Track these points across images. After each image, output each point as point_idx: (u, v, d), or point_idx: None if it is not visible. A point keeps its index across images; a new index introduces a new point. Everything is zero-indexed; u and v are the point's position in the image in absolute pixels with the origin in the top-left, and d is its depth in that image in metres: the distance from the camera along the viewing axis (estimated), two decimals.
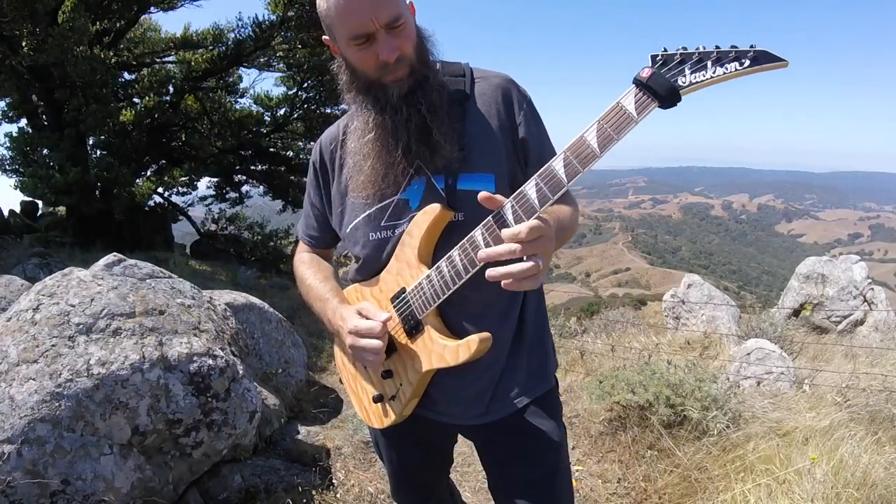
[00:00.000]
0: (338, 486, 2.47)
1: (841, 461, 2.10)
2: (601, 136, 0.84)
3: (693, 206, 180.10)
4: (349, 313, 1.09)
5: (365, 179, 1.06)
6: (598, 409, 2.98)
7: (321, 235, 1.27)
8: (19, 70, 8.97)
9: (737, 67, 0.76)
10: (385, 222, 1.08)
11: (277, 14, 10.90)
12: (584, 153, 0.85)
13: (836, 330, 5.75)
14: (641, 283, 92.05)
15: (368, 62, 0.98)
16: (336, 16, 0.95)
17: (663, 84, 0.79)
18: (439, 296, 1.00)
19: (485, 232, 0.94)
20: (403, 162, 1.02)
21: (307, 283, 1.23)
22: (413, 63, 1.00)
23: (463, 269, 0.97)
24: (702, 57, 0.79)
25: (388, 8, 0.92)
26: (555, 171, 0.88)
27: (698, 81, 0.79)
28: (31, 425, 1.72)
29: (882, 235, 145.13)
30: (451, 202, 1.02)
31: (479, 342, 0.98)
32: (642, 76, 0.81)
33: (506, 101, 1.08)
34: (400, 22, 0.94)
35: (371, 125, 1.04)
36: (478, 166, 1.04)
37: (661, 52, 0.82)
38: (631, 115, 0.82)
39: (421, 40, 1.02)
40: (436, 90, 1.01)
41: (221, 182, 15.07)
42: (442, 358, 1.02)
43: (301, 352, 3.81)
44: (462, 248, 0.97)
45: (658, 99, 0.80)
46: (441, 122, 1.00)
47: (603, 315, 7.40)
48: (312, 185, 1.23)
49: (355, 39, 0.95)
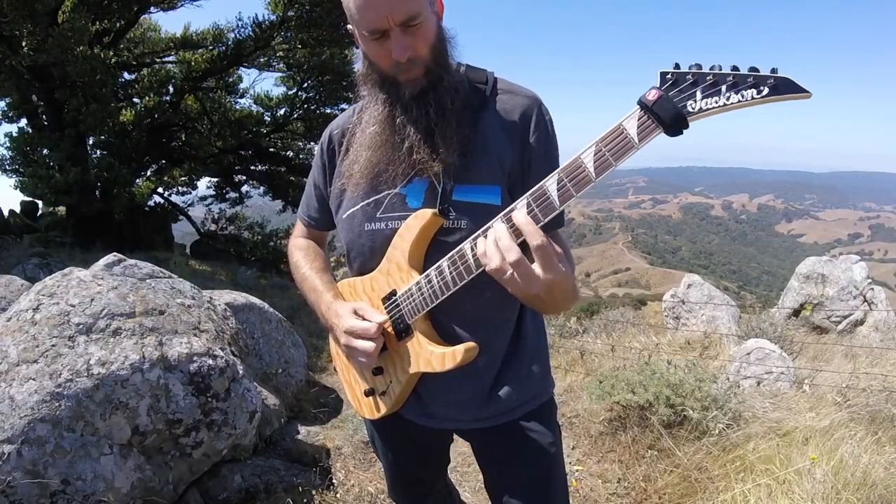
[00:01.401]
0: (338, 486, 2.47)
1: (841, 461, 2.10)
2: (598, 160, 0.80)
3: (693, 206, 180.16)
4: (345, 311, 1.09)
5: (360, 170, 1.06)
6: (598, 409, 2.98)
7: (321, 217, 1.27)
8: (19, 70, 8.97)
9: (754, 95, 0.70)
10: (381, 214, 1.08)
11: (277, 14, 10.91)
12: (580, 177, 0.82)
13: (836, 330, 5.75)
14: (641, 283, 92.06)
15: (383, 58, 0.98)
16: (355, 8, 0.95)
17: (669, 110, 0.74)
18: (428, 304, 1.00)
19: (474, 246, 0.92)
20: (406, 160, 1.02)
21: (302, 272, 1.24)
22: (428, 64, 0.99)
23: (451, 282, 0.96)
24: (717, 80, 0.72)
25: (404, 7, 0.92)
26: (548, 192, 0.85)
27: (709, 108, 0.73)
28: (31, 425, 1.72)
29: (882, 235, 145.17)
30: (443, 207, 1.01)
31: (465, 352, 0.98)
32: (648, 99, 0.75)
33: (524, 119, 1.06)
34: (416, 22, 0.94)
35: (378, 118, 1.04)
36: (479, 177, 1.03)
37: (672, 70, 0.75)
38: (632, 140, 0.77)
39: (440, 41, 1.01)
40: (449, 93, 1.01)
41: (221, 182, 15.09)
42: (429, 363, 1.03)
43: (301, 352, 3.81)
44: (451, 261, 0.96)
45: (663, 126, 0.75)
46: (447, 125, 1.00)
47: (603, 315, 7.40)
48: (318, 166, 1.23)
49: (371, 34, 0.96)
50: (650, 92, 0.76)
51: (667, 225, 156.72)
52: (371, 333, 1.03)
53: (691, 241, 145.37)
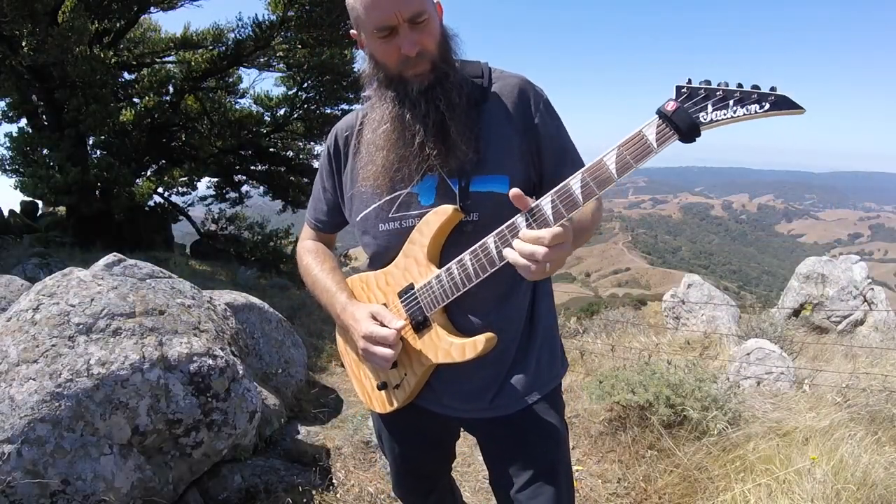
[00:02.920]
0: (338, 486, 2.47)
1: (841, 461, 2.10)
2: (620, 162, 0.88)
3: (693, 206, 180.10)
4: (362, 314, 1.10)
5: (376, 170, 1.07)
6: (598, 409, 2.98)
7: (329, 220, 1.28)
8: (19, 70, 8.97)
9: (756, 110, 0.78)
10: (394, 213, 1.09)
11: (277, 14, 10.90)
12: (602, 176, 0.89)
13: (836, 330, 5.75)
14: (641, 283, 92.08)
15: (391, 55, 1.00)
16: (362, 7, 0.97)
17: (685, 120, 0.82)
18: (448, 296, 1.03)
19: (497, 240, 0.96)
20: (419, 157, 1.03)
21: (313, 274, 1.24)
22: (435, 59, 1.01)
23: (474, 274, 0.99)
24: (725, 95, 0.81)
25: (412, 3, 0.95)
26: (571, 189, 0.91)
27: (718, 120, 0.81)
28: (31, 425, 1.72)
29: (882, 235, 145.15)
30: (463, 203, 1.03)
31: (486, 341, 1.00)
32: (667, 109, 0.84)
33: (522, 101, 1.08)
34: (423, 18, 0.97)
35: (388, 117, 1.05)
36: (492, 168, 1.04)
37: (686, 85, 0.84)
38: (651, 145, 0.86)
39: (444, 38, 1.03)
40: (455, 88, 1.02)
41: (221, 182, 15.07)
42: (448, 354, 1.04)
43: (301, 352, 3.81)
44: (474, 254, 0.99)
45: (679, 133, 0.83)
46: (459, 120, 1.01)
47: (603, 315, 7.40)
48: (325, 169, 1.24)
49: (379, 31, 0.98)
50: (668, 103, 0.85)
51: (667, 225, 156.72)
52: (390, 341, 1.04)
53: (691, 241, 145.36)
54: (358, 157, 1.14)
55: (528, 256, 0.90)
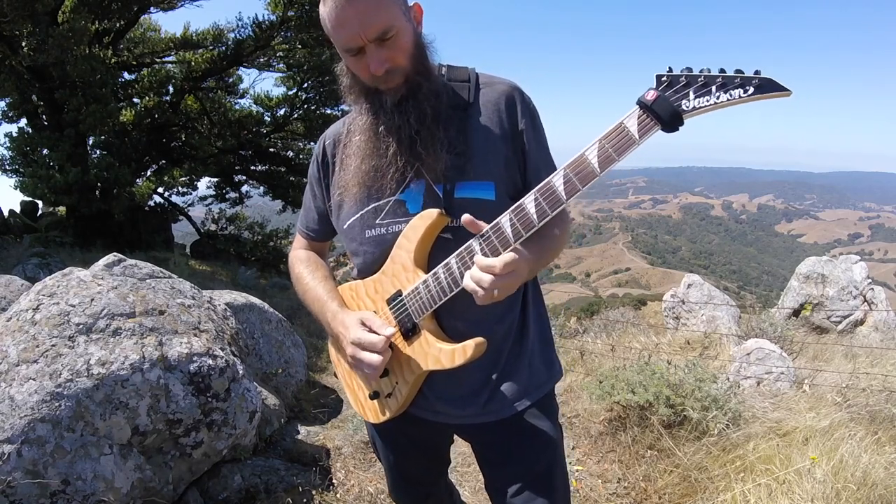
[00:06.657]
0: (338, 486, 2.47)
1: (841, 461, 2.10)
2: (602, 155, 0.86)
3: (693, 206, 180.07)
4: (351, 321, 1.09)
5: (352, 179, 1.08)
6: (598, 409, 2.98)
7: (321, 228, 1.28)
8: (19, 70, 8.98)
9: (741, 94, 0.77)
10: (380, 220, 1.09)
11: (277, 14, 10.91)
12: (584, 171, 0.88)
13: (836, 330, 5.75)
14: (641, 283, 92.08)
15: (362, 71, 1.01)
16: (330, 28, 0.98)
17: (667, 108, 0.81)
18: (436, 301, 1.02)
19: (482, 242, 0.96)
20: (397, 165, 1.03)
21: (304, 282, 1.24)
22: (408, 72, 1.01)
23: (460, 277, 0.98)
24: (707, 81, 0.79)
25: (375, 23, 0.94)
26: (554, 186, 0.90)
27: (702, 107, 0.80)
28: (31, 425, 1.72)
29: (882, 235, 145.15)
30: (448, 208, 1.03)
31: (475, 347, 0.99)
32: (647, 98, 0.82)
33: (509, 108, 1.08)
34: (390, 35, 0.96)
35: (363, 127, 1.06)
36: (477, 174, 1.04)
37: (667, 73, 0.82)
38: (633, 136, 0.84)
39: (418, 49, 1.03)
40: (429, 99, 1.02)
41: (221, 182, 15.08)
42: (438, 360, 1.04)
43: (301, 352, 3.81)
44: (459, 257, 0.99)
45: (661, 122, 0.81)
46: (430, 130, 1.01)
47: (603, 315, 7.39)
48: (314, 178, 1.24)
49: (347, 52, 0.99)
50: (648, 93, 0.82)
51: (667, 225, 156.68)
52: (378, 347, 1.03)
53: (691, 241, 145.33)
54: (342, 165, 1.15)
55: (477, 282, 0.91)
